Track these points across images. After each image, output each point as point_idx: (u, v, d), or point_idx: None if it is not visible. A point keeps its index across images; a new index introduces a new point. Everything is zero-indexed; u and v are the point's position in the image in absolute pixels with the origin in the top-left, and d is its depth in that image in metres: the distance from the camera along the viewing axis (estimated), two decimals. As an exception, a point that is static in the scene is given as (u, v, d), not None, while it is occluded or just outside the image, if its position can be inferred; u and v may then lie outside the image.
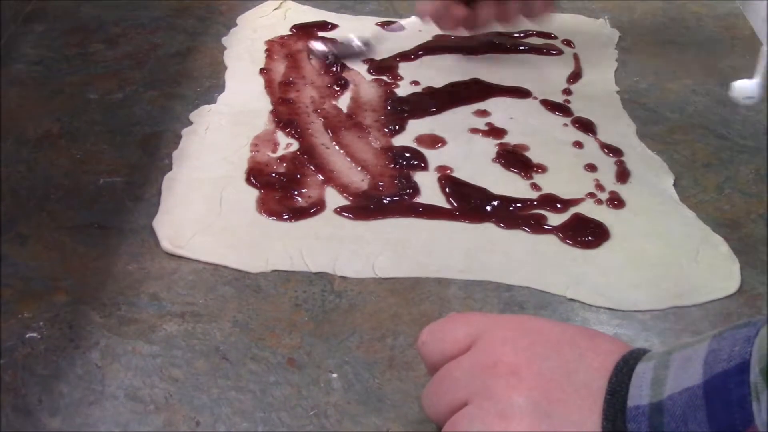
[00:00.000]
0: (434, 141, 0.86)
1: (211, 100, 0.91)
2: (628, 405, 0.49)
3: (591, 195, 0.80)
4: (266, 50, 1.00)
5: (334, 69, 0.96)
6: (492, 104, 0.92)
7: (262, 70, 0.96)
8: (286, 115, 0.89)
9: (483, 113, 0.91)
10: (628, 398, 0.49)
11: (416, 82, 0.95)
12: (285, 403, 0.61)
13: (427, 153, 0.85)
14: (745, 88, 0.69)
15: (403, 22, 1.01)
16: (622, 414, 0.49)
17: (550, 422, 0.50)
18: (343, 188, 0.80)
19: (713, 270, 0.73)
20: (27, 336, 0.65)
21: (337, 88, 0.93)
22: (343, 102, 0.92)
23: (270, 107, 0.90)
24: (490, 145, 0.86)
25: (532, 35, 1.04)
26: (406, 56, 1.00)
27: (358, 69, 0.97)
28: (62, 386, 0.62)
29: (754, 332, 0.46)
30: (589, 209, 0.78)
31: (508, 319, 0.57)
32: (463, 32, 0.98)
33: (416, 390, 0.61)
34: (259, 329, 0.67)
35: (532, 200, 0.79)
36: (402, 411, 0.61)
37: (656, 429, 0.47)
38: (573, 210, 0.78)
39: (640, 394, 0.48)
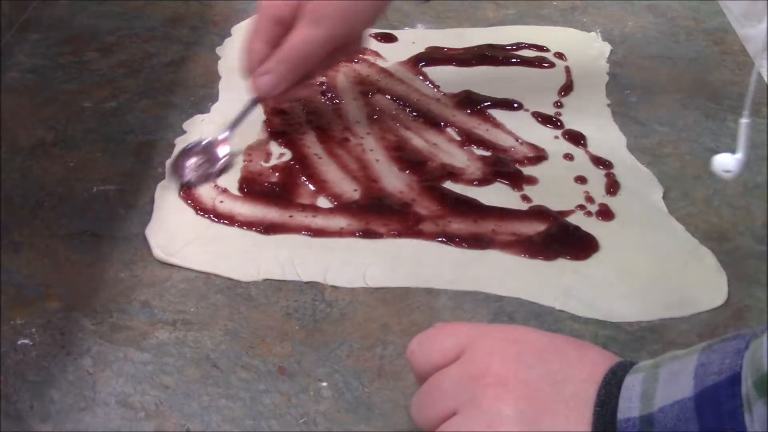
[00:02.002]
0: (426, 152, 0.87)
1: (205, 110, 0.92)
2: (618, 417, 0.49)
3: (581, 207, 0.80)
4: (260, 60, 1.01)
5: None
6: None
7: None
8: (279, 125, 0.89)
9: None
10: (618, 411, 0.49)
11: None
12: (274, 411, 0.61)
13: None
14: (724, 162, 0.68)
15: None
16: (612, 426, 0.49)
17: (537, 431, 0.50)
18: (335, 198, 0.80)
19: (701, 282, 0.73)
20: (19, 342, 0.66)
21: (329, 99, 0.94)
22: (336, 113, 0.92)
23: (263, 117, 0.91)
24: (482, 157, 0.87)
25: (524, 48, 1.05)
26: (399, 68, 1.01)
27: (351, 81, 0.97)
28: (54, 392, 0.62)
29: (744, 344, 0.47)
30: (578, 221, 0.79)
31: (496, 329, 0.58)
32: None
33: (405, 399, 0.62)
34: (250, 338, 0.67)
35: (522, 212, 0.80)
36: (391, 420, 0.61)
37: None
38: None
39: (629, 406, 0.49)
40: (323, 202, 0.80)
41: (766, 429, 0.43)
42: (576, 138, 0.90)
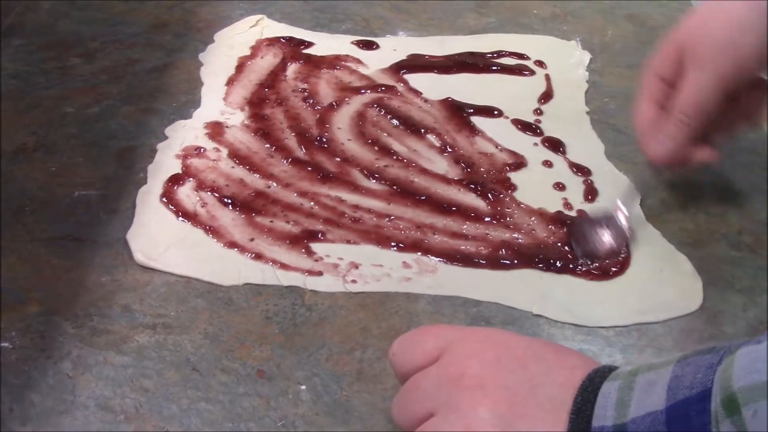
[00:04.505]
0: (406, 158, 0.88)
1: (187, 116, 0.92)
2: (593, 425, 0.49)
3: (559, 213, 0.81)
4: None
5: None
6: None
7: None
8: (260, 130, 0.90)
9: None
10: (593, 418, 0.50)
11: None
12: (254, 414, 0.62)
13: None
14: None
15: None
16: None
17: None
18: (315, 204, 0.81)
19: (676, 287, 0.74)
20: (-1, 346, 0.66)
21: (311, 106, 0.94)
22: (318, 119, 0.93)
23: (246, 122, 0.91)
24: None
25: (505, 55, 1.05)
26: (381, 75, 1.01)
27: (332, 88, 0.98)
28: (33, 396, 0.62)
29: (717, 360, 0.47)
30: (556, 227, 0.80)
31: (476, 332, 0.58)
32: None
33: (383, 402, 0.63)
34: (230, 341, 0.68)
35: (501, 217, 0.81)
36: (369, 423, 0.62)
37: None
38: (541, 227, 0.80)
39: (604, 414, 0.49)
40: (304, 208, 0.80)
41: None
42: (555, 145, 0.91)
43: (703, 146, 0.77)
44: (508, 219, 0.80)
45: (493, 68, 1.03)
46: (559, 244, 0.77)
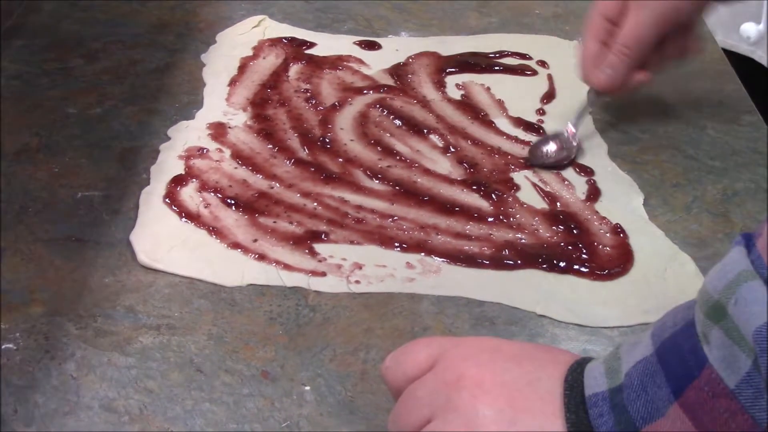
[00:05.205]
0: (409, 159, 0.88)
1: (189, 116, 0.92)
2: (586, 394, 0.50)
3: (561, 212, 0.81)
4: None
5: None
6: (466, 123, 0.94)
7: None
8: (263, 131, 0.90)
9: (457, 132, 0.92)
10: (585, 388, 0.51)
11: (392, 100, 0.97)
12: (258, 415, 0.62)
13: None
14: (747, 30, 0.74)
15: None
16: (583, 404, 0.50)
17: (515, 428, 0.51)
18: (318, 204, 0.81)
19: (680, 287, 0.74)
20: (3, 347, 0.66)
21: (313, 106, 0.94)
22: (320, 119, 0.93)
23: (249, 123, 0.91)
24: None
25: (507, 55, 1.05)
26: (383, 75, 1.01)
27: (335, 88, 0.98)
28: (37, 397, 0.62)
29: (694, 302, 0.48)
30: (560, 227, 0.80)
31: (468, 339, 0.59)
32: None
33: (388, 403, 0.62)
34: (234, 342, 0.68)
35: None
36: (373, 423, 0.62)
37: (618, 405, 0.48)
38: (544, 228, 0.80)
39: (596, 384, 0.50)
40: (307, 209, 0.80)
41: (724, 352, 0.45)
42: (558, 145, 0.90)
43: (638, 71, 0.88)
44: (511, 219, 0.80)
45: (496, 68, 1.03)
46: (563, 244, 0.77)
